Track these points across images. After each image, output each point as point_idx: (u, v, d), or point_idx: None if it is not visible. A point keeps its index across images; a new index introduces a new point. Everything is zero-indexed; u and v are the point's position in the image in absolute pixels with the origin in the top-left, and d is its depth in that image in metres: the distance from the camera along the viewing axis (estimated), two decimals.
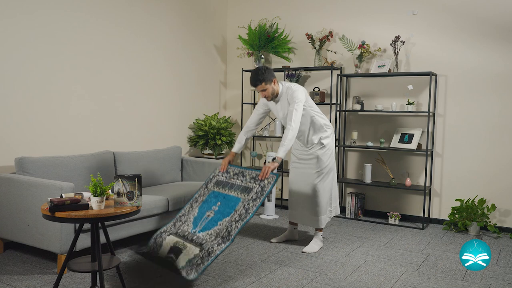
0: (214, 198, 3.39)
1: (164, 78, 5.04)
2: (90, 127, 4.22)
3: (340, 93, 5.12)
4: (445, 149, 4.71)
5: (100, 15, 4.24)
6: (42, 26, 3.75)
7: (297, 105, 3.49)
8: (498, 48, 4.40)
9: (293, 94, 3.53)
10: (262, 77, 3.51)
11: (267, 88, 3.54)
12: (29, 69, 3.70)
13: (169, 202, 3.91)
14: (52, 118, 3.89)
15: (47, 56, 3.82)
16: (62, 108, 3.96)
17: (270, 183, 3.21)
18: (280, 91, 3.63)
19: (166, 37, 5.03)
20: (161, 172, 4.57)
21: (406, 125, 4.88)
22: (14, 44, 3.59)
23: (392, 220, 4.74)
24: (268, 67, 3.59)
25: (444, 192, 4.74)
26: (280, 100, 3.65)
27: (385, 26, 4.90)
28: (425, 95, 4.74)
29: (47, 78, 3.83)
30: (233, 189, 3.35)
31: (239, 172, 3.48)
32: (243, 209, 3.10)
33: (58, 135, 3.95)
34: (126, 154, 4.26)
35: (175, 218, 3.42)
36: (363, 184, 4.90)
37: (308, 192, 3.75)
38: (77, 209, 2.39)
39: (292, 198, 3.89)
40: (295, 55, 5.48)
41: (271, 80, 3.56)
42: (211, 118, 5.40)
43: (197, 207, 3.41)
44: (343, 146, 5.07)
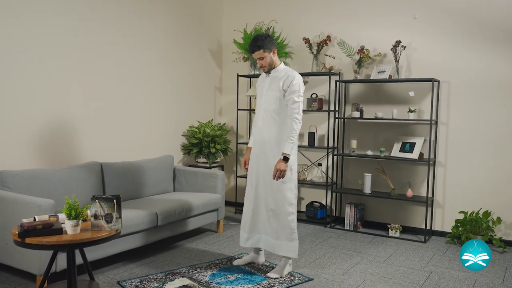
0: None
1: (157, 83, 4.85)
2: (75, 136, 4.03)
3: (339, 99, 4.93)
4: (448, 158, 4.51)
5: (89, 19, 4.06)
6: (27, 30, 3.57)
7: (300, 98, 3.25)
8: (503, 53, 4.21)
9: (293, 82, 3.25)
10: (262, 43, 3.26)
11: (265, 56, 3.29)
12: (13, 75, 3.52)
13: (158, 216, 3.72)
14: (34, 128, 3.70)
15: (32, 62, 3.63)
16: (45, 116, 3.77)
17: None
18: (278, 67, 3.38)
19: (159, 41, 4.84)
20: (152, 183, 4.39)
21: (408, 134, 4.68)
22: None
23: (393, 233, 4.55)
24: (270, 35, 3.38)
25: (447, 204, 4.54)
26: (273, 77, 3.37)
27: (385, 31, 4.71)
28: (427, 102, 4.55)
29: (30, 85, 3.64)
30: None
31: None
32: None
33: (40, 145, 3.76)
34: (114, 165, 4.07)
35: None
36: (363, 195, 4.71)
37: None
38: (50, 234, 2.21)
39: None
40: (292, 59, 5.30)
41: (271, 50, 3.31)
42: (205, 125, 5.21)
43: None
44: (341, 155, 4.88)
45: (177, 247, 4.04)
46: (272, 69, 3.39)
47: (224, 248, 4.05)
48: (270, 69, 3.38)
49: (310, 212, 5.03)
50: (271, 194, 3.34)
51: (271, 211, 3.35)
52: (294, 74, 3.31)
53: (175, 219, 3.88)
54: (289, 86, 3.25)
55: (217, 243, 4.19)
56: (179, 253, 3.89)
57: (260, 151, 3.40)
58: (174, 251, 3.93)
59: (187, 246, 4.07)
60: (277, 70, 3.39)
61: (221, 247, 4.09)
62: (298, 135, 3.33)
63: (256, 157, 3.43)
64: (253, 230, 3.46)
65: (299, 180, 5.09)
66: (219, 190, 4.50)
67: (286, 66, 3.45)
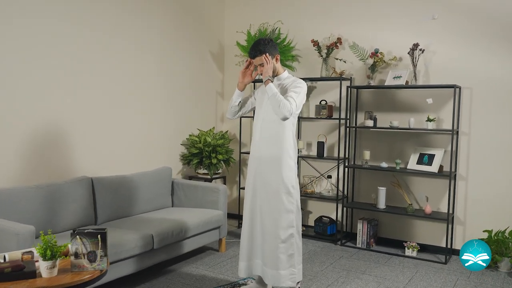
0: None
1: (153, 88, 4.49)
2: (63, 149, 3.66)
3: (350, 107, 4.57)
4: (470, 171, 4.15)
5: (78, 20, 3.69)
6: (14, 39, 3.20)
7: (298, 100, 2.88)
8: None
9: (297, 84, 2.95)
10: (264, 48, 2.93)
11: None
12: None
13: (154, 238, 3.36)
14: (16, 140, 3.33)
15: (16, 69, 3.26)
16: (29, 127, 3.40)
17: None
18: (281, 75, 3.04)
19: (156, 42, 4.48)
20: (148, 198, 4.03)
21: (425, 144, 4.32)
22: None
23: (410, 252, 4.19)
24: (273, 40, 3.01)
25: (469, 221, 4.17)
26: (276, 85, 3.01)
27: (401, 32, 4.35)
28: (446, 110, 4.19)
29: (13, 93, 3.28)
30: None
31: None
32: None
33: (23, 160, 3.39)
34: (106, 180, 3.71)
35: None
36: (377, 211, 4.35)
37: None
38: (20, 279, 1.85)
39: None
40: (299, 63, 4.93)
41: (274, 56, 2.98)
42: (206, 134, 4.85)
43: None
44: (353, 167, 4.52)
45: (175, 271, 3.67)
46: (275, 77, 3.04)
47: (227, 271, 3.68)
48: (272, 77, 3.04)
49: (319, 228, 4.66)
50: (269, 217, 2.98)
51: (267, 235, 2.99)
52: (299, 81, 2.98)
53: (173, 240, 3.52)
54: (290, 89, 2.93)
55: (219, 265, 3.83)
56: (177, 278, 3.53)
57: (257, 168, 3.04)
58: (171, 275, 3.57)
59: (185, 270, 3.70)
60: (279, 79, 3.05)
61: (223, 270, 3.73)
62: (298, 147, 2.99)
63: (253, 173, 3.07)
64: (250, 257, 3.10)
65: (306, 193, 4.74)
66: (221, 206, 4.14)
67: (290, 75, 3.11)
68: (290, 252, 2.94)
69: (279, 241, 2.94)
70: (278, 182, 2.93)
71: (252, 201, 3.05)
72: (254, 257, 3.07)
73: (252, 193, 3.05)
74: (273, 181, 2.94)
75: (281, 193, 2.92)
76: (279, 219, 2.93)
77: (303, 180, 4.87)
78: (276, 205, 2.93)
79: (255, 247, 3.07)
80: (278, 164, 2.93)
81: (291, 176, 2.95)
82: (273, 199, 2.94)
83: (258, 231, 3.03)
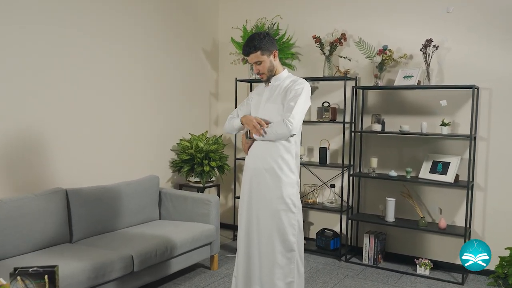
0: None
1: (140, 89, 4.08)
2: (34, 157, 3.26)
3: (356, 109, 4.16)
4: (489, 181, 3.74)
5: (58, 19, 3.29)
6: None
7: (300, 107, 2.49)
8: None
9: (297, 86, 2.53)
10: (259, 43, 2.51)
11: (263, 60, 2.55)
12: None
13: (135, 260, 2.96)
14: None
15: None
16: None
17: None
18: (280, 74, 2.63)
19: (142, 39, 4.07)
20: (132, 211, 3.63)
21: (439, 151, 3.91)
22: None
23: (422, 270, 3.78)
24: (270, 34, 2.60)
25: (488, 236, 3.77)
26: (275, 86, 2.62)
27: (412, 27, 3.94)
28: (462, 113, 3.79)
29: None
30: None
31: None
32: None
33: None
34: (83, 191, 3.31)
35: None
36: (385, 224, 3.94)
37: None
38: None
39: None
40: (299, 61, 4.53)
41: (271, 52, 2.56)
42: (198, 139, 4.44)
43: None
44: (358, 175, 4.11)
45: None
46: (273, 77, 2.63)
47: None
48: (270, 77, 2.62)
49: (321, 242, 4.26)
50: (266, 239, 2.57)
51: (264, 259, 2.58)
52: (300, 81, 2.57)
53: (156, 261, 3.12)
54: (290, 92, 2.52)
55: (211, 286, 3.43)
56: None
57: (252, 181, 2.63)
58: None
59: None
60: (278, 78, 2.63)
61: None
62: (299, 151, 2.61)
63: (248, 186, 2.66)
64: (247, 283, 2.68)
65: (307, 203, 4.35)
66: (213, 219, 3.73)
67: (290, 74, 2.69)
68: (289, 279, 2.54)
69: (276, 266, 2.54)
70: (277, 200, 2.52)
71: (248, 220, 2.64)
72: (253, 283, 2.67)
73: (247, 211, 2.63)
74: (271, 198, 2.53)
75: (280, 212, 2.52)
76: (277, 242, 2.53)
77: (303, 189, 4.47)
78: (274, 226, 2.53)
79: (253, 271, 2.65)
80: (277, 179, 2.52)
81: (293, 193, 2.55)
82: (271, 219, 2.54)
83: (255, 254, 2.62)
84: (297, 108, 2.46)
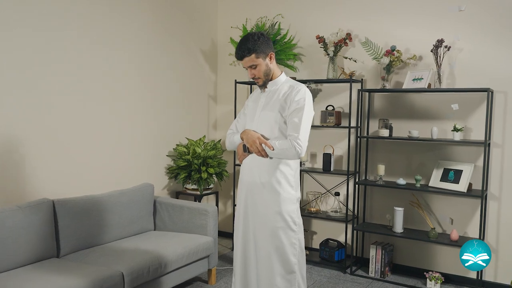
0: None
1: (134, 92, 3.87)
2: (18, 166, 3.04)
3: (361, 113, 3.94)
4: (504, 190, 3.53)
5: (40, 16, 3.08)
6: None
7: (305, 119, 2.27)
8: None
9: (298, 95, 2.28)
10: (254, 46, 2.27)
11: (258, 63, 2.31)
12: None
13: (125, 278, 2.74)
14: None
15: None
16: None
17: None
18: (278, 78, 2.40)
19: (136, 39, 3.86)
20: (124, 222, 3.41)
21: (451, 158, 3.69)
22: None
23: (432, 284, 3.57)
24: (265, 34, 2.36)
25: (502, 248, 3.55)
26: (272, 92, 2.39)
27: (422, 27, 3.73)
28: (475, 118, 3.58)
29: None
30: None
31: None
32: None
33: None
34: (71, 202, 3.09)
35: None
36: (392, 235, 3.72)
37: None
38: None
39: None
40: (302, 63, 4.31)
41: (267, 54, 2.32)
42: (195, 144, 4.23)
43: None
44: (364, 183, 3.89)
45: None
46: (269, 81, 2.40)
47: None
48: (266, 82, 2.39)
49: (325, 253, 4.04)
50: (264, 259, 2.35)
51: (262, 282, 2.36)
52: (300, 87, 2.32)
53: (149, 278, 2.90)
54: (291, 102, 2.28)
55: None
56: None
57: (247, 196, 2.42)
58: None
59: None
60: (276, 83, 2.39)
61: None
62: (301, 160, 2.38)
63: (243, 202, 2.44)
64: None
65: (310, 211, 4.14)
66: (211, 231, 3.51)
67: (289, 78, 2.46)
68: None
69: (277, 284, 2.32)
70: (275, 216, 2.30)
71: (244, 239, 2.42)
72: None
73: (243, 230, 2.42)
74: (268, 214, 2.31)
75: (279, 231, 2.30)
76: (276, 263, 2.31)
77: (306, 197, 4.25)
78: (273, 245, 2.31)
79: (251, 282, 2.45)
80: (275, 194, 2.31)
81: (292, 209, 2.33)
82: (269, 238, 2.32)
83: (253, 277, 2.40)
84: (303, 125, 2.25)
